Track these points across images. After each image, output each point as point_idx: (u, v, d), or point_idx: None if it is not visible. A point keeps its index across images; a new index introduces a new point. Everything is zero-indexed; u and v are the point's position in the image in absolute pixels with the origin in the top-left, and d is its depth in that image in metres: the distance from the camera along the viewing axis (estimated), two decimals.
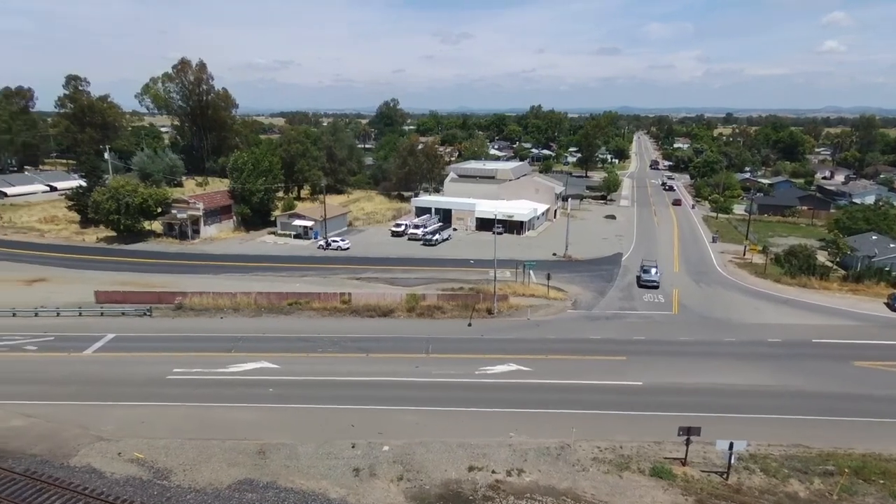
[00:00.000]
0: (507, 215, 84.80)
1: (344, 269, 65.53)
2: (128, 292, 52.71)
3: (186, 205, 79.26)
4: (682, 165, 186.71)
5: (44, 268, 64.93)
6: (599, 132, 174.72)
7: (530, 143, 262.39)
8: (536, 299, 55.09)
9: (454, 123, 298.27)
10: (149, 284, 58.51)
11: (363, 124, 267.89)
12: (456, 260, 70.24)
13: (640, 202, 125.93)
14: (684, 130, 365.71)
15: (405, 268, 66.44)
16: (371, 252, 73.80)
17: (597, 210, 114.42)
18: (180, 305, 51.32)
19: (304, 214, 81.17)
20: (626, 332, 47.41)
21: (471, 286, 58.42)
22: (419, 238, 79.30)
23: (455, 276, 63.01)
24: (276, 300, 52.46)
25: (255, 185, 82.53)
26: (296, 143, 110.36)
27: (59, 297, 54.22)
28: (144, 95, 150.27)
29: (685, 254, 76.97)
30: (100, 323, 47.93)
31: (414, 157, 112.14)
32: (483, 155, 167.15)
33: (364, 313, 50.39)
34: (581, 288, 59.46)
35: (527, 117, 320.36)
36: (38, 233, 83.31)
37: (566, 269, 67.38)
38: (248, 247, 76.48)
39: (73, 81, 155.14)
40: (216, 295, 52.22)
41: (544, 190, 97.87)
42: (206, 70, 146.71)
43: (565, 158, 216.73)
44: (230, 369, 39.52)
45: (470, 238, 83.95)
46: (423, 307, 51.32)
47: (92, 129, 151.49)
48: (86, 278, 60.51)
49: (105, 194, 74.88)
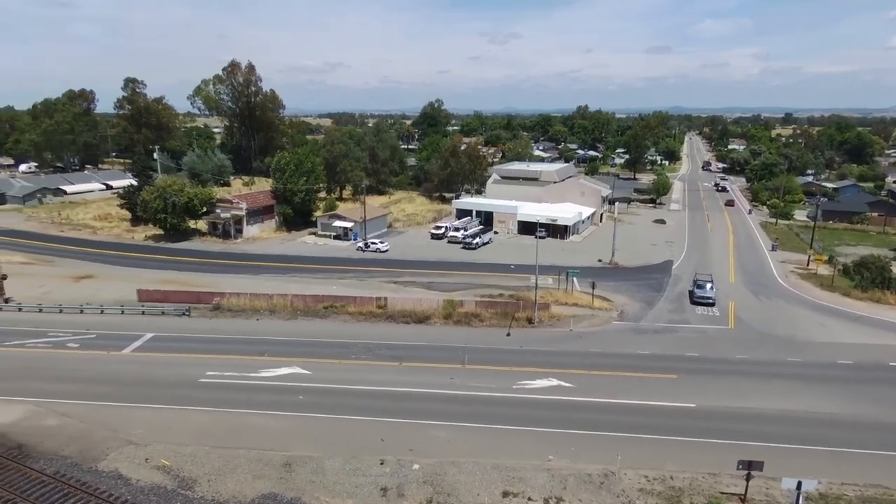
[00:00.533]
0: (550, 219, 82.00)
1: (382, 272, 64.52)
2: (168, 291, 53.19)
3: (230, 205, 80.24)
4: (738, 168, 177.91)
5: (93, 264, 66.74)
6: (649, 132, 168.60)
7: (576, 144, 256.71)
8: (580, 309, 52.40)
9: (498, 124, 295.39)
10: (189, 284, 59.09)
11: (407, 125, 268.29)
12: (496, 265, 68.14)
13: (692, 206, 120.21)
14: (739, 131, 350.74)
15: (443, 272, 64.83)
16: (410, 255, 72.58)
17: (645, 214, 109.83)
18: (218, 306, 51.35)
19: (344, 216, 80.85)
20: (677, 347, 44.20)
21: (510, 293, 56.24)
22: (459, 241, 77.59)
23: (494, 282, 60.95)
24: (312, 303, 51.79)
25: (297, 185, 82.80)
26: (339, 143, 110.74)
27: (105, 294, 55.31)
28: (196, 97, 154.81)
29: (742, 263, 72.25)
30: (140, 322, 48.40)
31: (456, 159, 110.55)
32: (527, 156, 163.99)
33: (399, 319, 49.03)
34: (628, 298, 56.29)
35: (573, 118, 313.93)
36: (91, 230, 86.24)
37: (612, 276, 64.21)
38: (289, 247, 76.65)
39: (130, 84, 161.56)
40: (253, 296, 52.01)
41: (590, 193, 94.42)
42: (254, 72, 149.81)
43: (612, 160, 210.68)
44: (262, 374, 38.82)
45: (511, 242, 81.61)
46: (460, 314, 49.55)
47: (147, 130, 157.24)
48: (131, 276, 61.70)
49: (153, 193, 76.61)
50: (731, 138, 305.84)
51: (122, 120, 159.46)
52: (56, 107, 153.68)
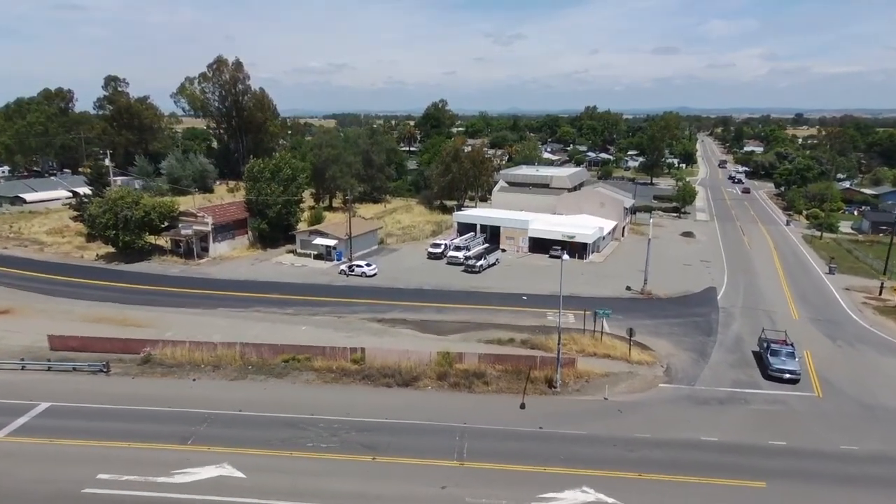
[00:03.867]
0: (567, 235, 70.29)
1: (365, 306, 53.00)
2: (87, 338, 41.85)
3: (194, 219, 68.98)
4: (763, 172, 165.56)
5: (19, 293, 55.54)
6: (666, 133, 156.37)
7: (585, 145, 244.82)
8: (614, 363, 40.73)
9: (504, 125, 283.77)
10: (126, 321, 47.86)
11: (409, 126, 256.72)
12: (504, 295, 56.51)
13: (721, 216, 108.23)
14: (752, 132, 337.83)
15: (440, 305, 53.27)
16: (401, 280, 61.06)
17: (670, 225, 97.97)
18: (148, 358, 40.00)
19: (326, 232, 69.37)
20: (755, 430, 32.45)
21: (523, 338, 44.63)
22: (460, 262, 65.98)
23: (503, 320, 49.36)
24: (269, 354, 40.36)
25: (273, 195, 71.42)
26: (328, 146, 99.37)
27: (14, 338, 44.08)
28: (180, 96, 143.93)
29: (799, 291, 60.34)
30: (38, 384, 37.03)
31: (459, 163, 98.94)
32: (536, 159, 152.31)
33: (380, 380, 37.49)
34: (672, 345, 44.54)
35: (581, 118, 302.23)
36: (39, 246, 75.12)
37: (647, 311, 52.53)
38: (260, 269, 65.25)
39: (112, 83, 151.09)
40: (194, 345, 40.64)
41: (611, 203, 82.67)
42: (242, 69, 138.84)
43: (625, 163, 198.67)
44: (176, 479, 27.38)
45: (521, 263, 69.92)
46: (458, 373, 38.00)
47: (129, 132, 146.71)
48: (59, 310, 50.52)
49: (101, 206, 65.44)
50: (746, 140, 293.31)
51: (102, 121, 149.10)
52: (30, 107, 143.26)
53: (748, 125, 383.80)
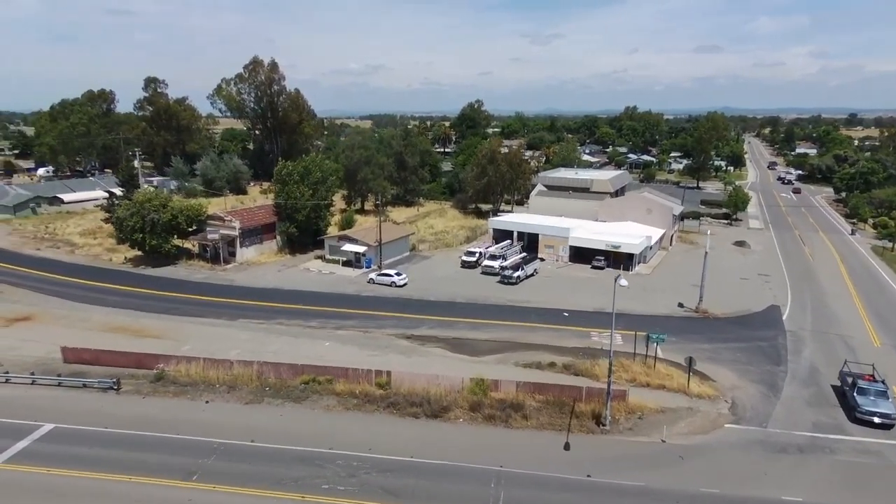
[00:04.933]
0: (612, 245, 65.39)
1: (393, 320, 49.53)
2: (101, 351, 39.64)
3: (222, 222, 67.01)
4: (819, 176, 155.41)
5: (44, 298, 54.31)
6: (714, 134, 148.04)
7: (625, 147, 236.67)
8: (670, 395, 36.04)
9: (541, 125, 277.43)
10: (143, 331, 45.70)
11: (445, 126, 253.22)
12: (544, 310, 52.17)
13: (777, 224, 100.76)
14: (803, 133, 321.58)
15: (474, 320, 49.32)
16: (433, 291, 57.39)
17: (720, 233, 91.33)
18: (160, 376, 37.45)
19: (355, 238, 66.35)
20: (844, 487, 27.43)
21: (566, 361, 40.33)
22: (495, 273, 61.89)
23: (543, 340, 45.11)
24: (288, 374, 37.28)
25: (302, 198, 68.85)
26: (360, 148, 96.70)
27: (30, 347, 42.36)
28: (216, 97, 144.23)
29: (876, 312, 53.96)
30: (46, 401, 34.83)
31: (495, 166, 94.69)
32: (575, 161, 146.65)
33: (406, 409, 33.84)
34: (736, 375, 39.46)
35: (620, 119, 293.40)
36: (70, 248, 74.66)
37: (703, 333, 47.41)
38: (286, 276, 62.66)
39: (152, 84, 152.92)
40: (210, 362, 37.90)
41: (658, 210, 77.06)
42: (277, 70, 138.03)
43: (668, 165, 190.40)
44: None
45: (561, 274, 65.34)
46: (493, 403, 34.03)
47: (167, 133, 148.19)
48: (78, 318, 48.82)
49: (128, 209, 64.05)
50: (797, 141, 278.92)
51: (142, 121, 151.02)
52: (73, 108, 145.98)
53: (798, 126, 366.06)
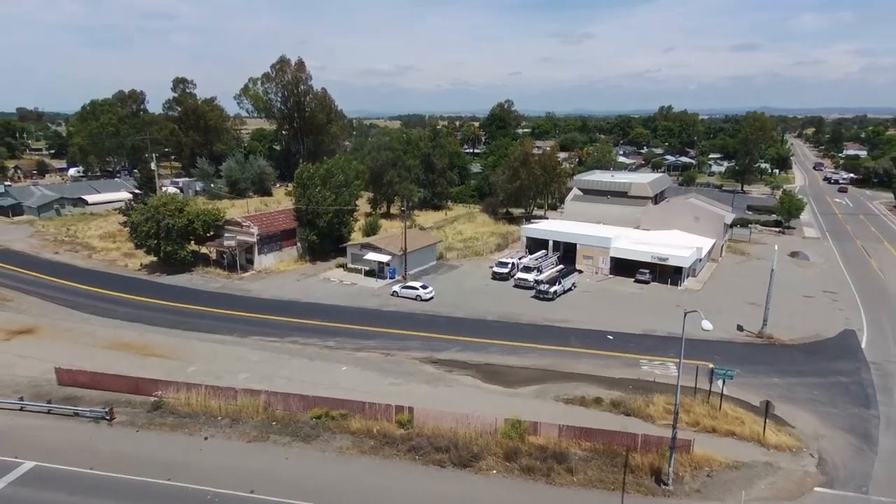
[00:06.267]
0: (659, 257, 59.59)
1: (418, 340, 44.94)
2: (97, 374, 36.13)
3: (239, 228, 63.62)
4: (875, 180, 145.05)
5: (50, 307, 51.53)
6: (761, 135, 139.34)
7: (661, 148, 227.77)
8: (741, 445, 30.49)
9: (573, 126, 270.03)
10: (148, 349, 42.19)
11: (474, 127, 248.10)
12: (585, 332, 46.89)
13: (835, 232, 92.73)
14: (849, 134, 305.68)
15: (508, 342, 44.38)
16: (462, 307, 52.59)
17: (772, 243, 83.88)
18: (159, 404, 33.66)
19: (379, 246, 62.04)
20: None
21: (615, 397, 35.09)
22: (530, 286, 56.77)
23: (586, 368, 39.91)
24: (298, 407, 33.05)
25: (324, 203, 64.94)
26: (386, 149, 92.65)
27: (26, 365, 39.26)
28: (243, 97, 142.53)
29: None
30: (31, 432, 31.35)
31: (527, 169, 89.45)
32: (610, 163, 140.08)
33: (430, 454, 29.18)
34: (818, 419, 33.61)
35: (655, 119, 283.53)
36: (88, 252, 72.44)
37: (771, 363, 41.50)
38: (305, 287, 58.75)
39: (181, 84, 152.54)
40: (212, 390, 33.95)
41: (708, 218, 70.69)
42: (304, 69, 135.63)
43: (709, 167, 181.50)
44: None
45: (601, 288, 59.80)
46: (532, 450, 29.09)
47: (195, 133, 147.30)
48: (81, 332, 45.68)
49: (143, 214, 61.16)
50: (845, 142, 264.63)
51: (171, 122, 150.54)
52: (103, 108, 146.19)
53: (843, 126, 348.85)
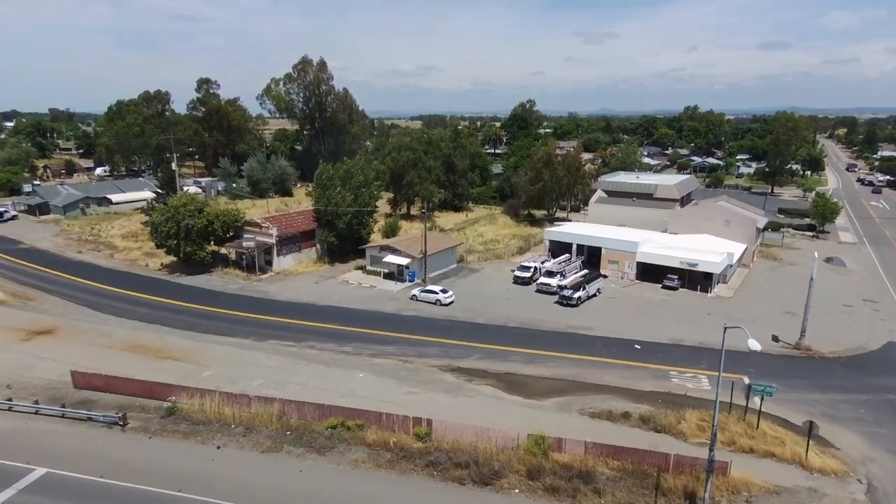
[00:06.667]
0: (688, 262, 57.35)
1: (437, 347, 43.67)
2: (112, 378, 35.65)
3: (258, 229, 63.15)
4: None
5: (70, 307, 51.52)
6: (794, 136, 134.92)
7: (687, 149, 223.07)
8: (781, 467, 28.52)
9: (596, 126, 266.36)
10: (164, 352, 41.68)
11: (495, 127, 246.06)
12: (611, 340, 45.07)
13: (873, 238, 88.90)
14: (883, 134, 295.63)
15: (530, 350, 42.84)
16: (482, 312, 51.16)
17: (806, 248, 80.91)
18: (172, 410, 32.96)
19: (398, 248, 60.95)
20: None
21: (644, 412, 33.31)
22: (553, 292, 55.07)
23: (612, 380, 38.15)
24: (314, 416, 32.03)
25: (343, 204, 64.10)
26: (406, 150, 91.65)
27: (44, 367, 39.01)
28: (265, 97, 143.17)
29: None
30: (44, 437, 30.86)
31: (551, 170, 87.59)
32: (635, 164, 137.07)
33: (450, 470, 27.85)
34: (864, 440, 31.41)
35: (680, 119, 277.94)
36: (110, 252, 72.90)
37: (810, 377, 39.22)
38: (324, 289, 57.94)
39: (204, 85, 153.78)
40: (226, 397, 33.15)
41: (739, 221, 68.03)
42: (325, 69, 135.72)
43: (737, 169, 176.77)
44: None
45: (627, 294, 57.79)
46: (556, 469, 27.57)
47: (218, 133, 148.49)
48: (99, 333, 45.42)
49: (163, 214, 61.07)
50: (880, 143, 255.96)
51: (194, 122, 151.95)
52: (129, 108, 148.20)
53: (877, 126, 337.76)
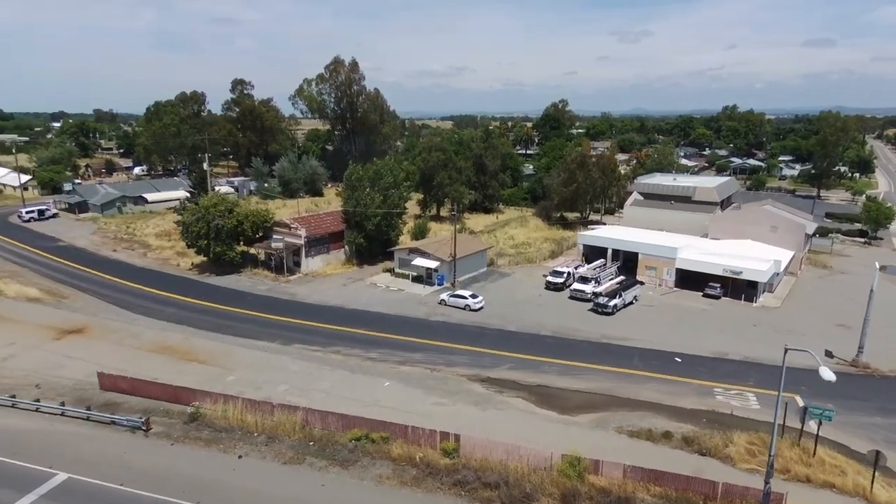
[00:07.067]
0: (733, 272, 54.40)
1: (466, 355, 42.19)
2: (137, 381, 35.29)
3: (287, 230, 62.78)
4: None
5: (101, 306, 51.93)
6: (842, 136, 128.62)
7: (725, 149, 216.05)
8: (843, 500, 26.03)
9: (630, 126, 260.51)
10: (190, 354, 41.32)
11: (527, 127, 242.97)
12: (649, 352, 42.80)
13: None
14: None
15: (563, 361, 40.95)
16: (513, 319, 49.42)
17: (857, 255, 76.72)
18: (196, 416, 32.32)
19: (426, 251, 59.70)
20: None
21: (686, 432, 31.10)
22: (587, 299, 52.91)
23: (651, 395, 35.98)
24: (337, 426, 30.93)
25: (372, 205, 63.20)
26: (436, 150, 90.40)
27: (73, 367, 39.04)
28: (297, 98, 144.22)
29: None
30: (68, 440, 30.56)
31: (585, 172, 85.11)
32: (672, 166, 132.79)
33: (478, 490, 26.30)
34: None
35: (718, 119, 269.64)
36: (144, 250, 73.79)
37: (869, 398, 36.28)
38: (351, 292, 57.08)
39: (239, 85, 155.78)
40: (250, 404, 32.33)
41: (786, 227, 64.46)
42: (357, 69, 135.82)
43: (779, 171, 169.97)
44: None
45: (665, 302, 55.17)
46: (592, 493, 25.73)
47: (251, 133, 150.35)
48: (128, 333, 45.42)
49: (194, 214, 61.25)
50: None
51: (229, 122, 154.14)
52: (166, 109, 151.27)
53: None
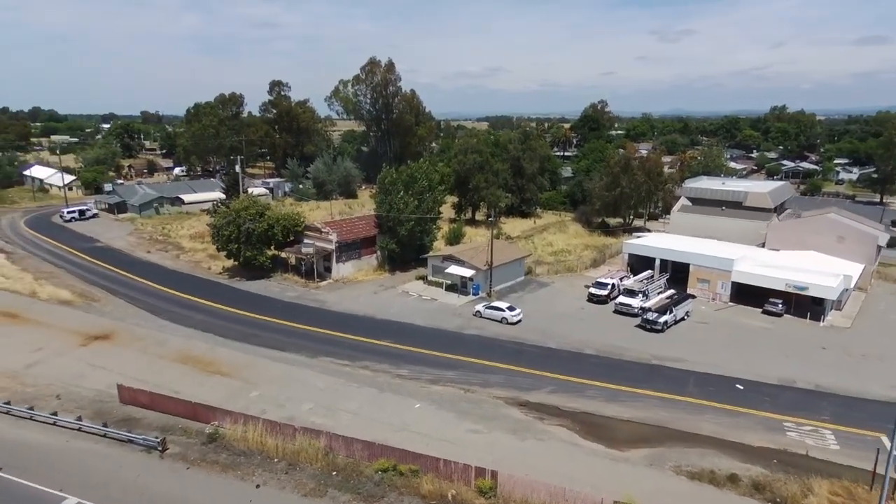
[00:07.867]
0: (797, 287, 49.62)
1: (503, 374, 39.10)
2: (157, 395, 33.59)
3: (318, 234, 60.93)
4: None
5: (130, 310, 50.97)
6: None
7: (775, 152, 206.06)
8: None
9: (672, 127, 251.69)
10: (214, 366, 39.57)
11: (565, 128, 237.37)
12: (706, 377, 38.79)
13: None
14: None
15: (610, 385, 37.40)
16: (553, 335, 46.01)
17: None
18: (214, 437, 30.32)
19: (462, 258, 56.81)
20: None
21: (755, 475, 27.28)
22: (634, 314, 49.06)
23: (711, 429, 32.14)
24: (363, 455, 28.37)
25: (406, 209, 60.79)
26: (473, 153, 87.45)
27: (95, 376, 37.80)
28: (334, 99, 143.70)
29: None
30: (82, 458, 28.97)
31: (629, 175, 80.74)
32: (720, 169, 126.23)
33: None
34: None
35: (765, 119, 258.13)
36: (177, 252, 73.35)
37: None
38: (382, 301, 54.68)
39: (276, 87, 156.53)
40: (270, 426, 30.12)
41: (855, 238, 58.90)
42: (393, 70, 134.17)
43: (835, 175, 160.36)
44: None
45: (721, 319, 50.74)
46: None
47: (288, 134, 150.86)
48: (153, 341, 44.10)
49: (224, 218, 60.05)
50: None
51: (266, 124, 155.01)
52: (205, 111, 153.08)
53: None
